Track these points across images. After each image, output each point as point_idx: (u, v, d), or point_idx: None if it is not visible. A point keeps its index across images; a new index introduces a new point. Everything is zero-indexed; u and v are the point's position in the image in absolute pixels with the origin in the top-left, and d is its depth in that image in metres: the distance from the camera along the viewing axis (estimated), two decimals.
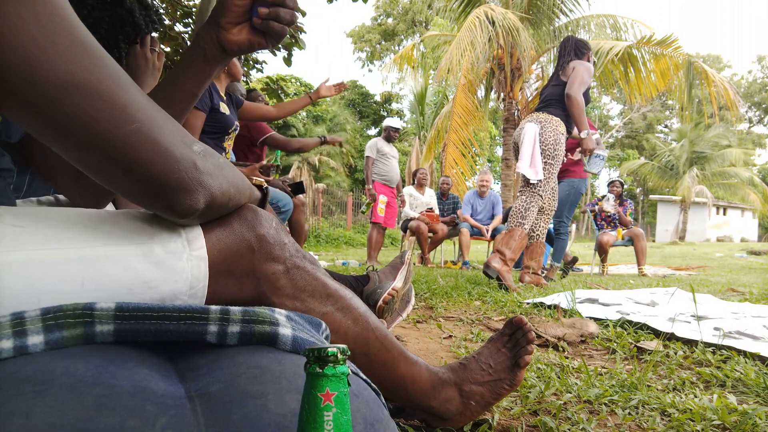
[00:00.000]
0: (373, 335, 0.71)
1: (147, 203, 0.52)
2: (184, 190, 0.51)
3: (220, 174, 0.56)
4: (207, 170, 0.53)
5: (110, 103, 0.46)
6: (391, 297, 1.36)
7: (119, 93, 0.46)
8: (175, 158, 0.50)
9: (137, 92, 0.49)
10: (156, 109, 0.51)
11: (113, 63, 0.48)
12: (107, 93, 0.45)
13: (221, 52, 0.75)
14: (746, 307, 2.15)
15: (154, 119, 0.49)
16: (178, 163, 0.50)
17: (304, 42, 4.76)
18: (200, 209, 0.53)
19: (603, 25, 9.32)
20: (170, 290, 0.53)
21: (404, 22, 28.16)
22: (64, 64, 0.43)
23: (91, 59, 0.45)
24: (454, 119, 9.35)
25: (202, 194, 0.52)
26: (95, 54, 0.46)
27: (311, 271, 0.65)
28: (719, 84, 7.73)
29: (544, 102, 3.32)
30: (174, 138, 0.50)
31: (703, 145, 24.68)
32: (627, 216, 5.83)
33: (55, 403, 0.35)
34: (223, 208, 0.58)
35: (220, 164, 0.57)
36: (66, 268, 0.48)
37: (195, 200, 0.52)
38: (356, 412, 0.44)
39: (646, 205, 33.77)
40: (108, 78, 0.46)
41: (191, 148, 0.52)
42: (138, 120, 0.47)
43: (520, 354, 0.88)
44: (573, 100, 3.08)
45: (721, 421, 0.91)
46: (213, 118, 2.50)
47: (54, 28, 0.43)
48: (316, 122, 21.38)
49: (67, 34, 0.44)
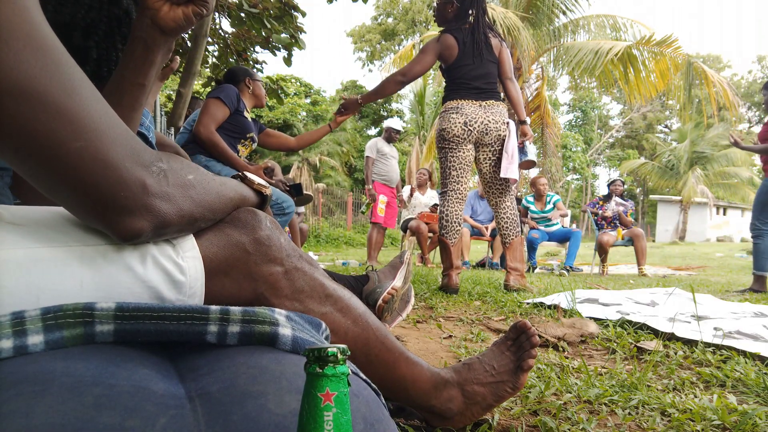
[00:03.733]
0: (374, 335, 0.71)
1: (91, 223, 0.50)
2: (129, 213, 0.48)
3: (183, 195, 0.53)
4: (161, 193, 0.50)
5: (56, 116, 0.43)
6: (391, 296, 1.36)
7: (67, 103, 0.43)
8: (122, 180, 0.47)
9: (94, 104, 0.46)
10: (111, 123, 0.47)
11: (72, 71, 0.45)
12: (54, 103, 0.42)
13: (161, 34, 0.75)
14: (746, 307, 2.15)
15: (105, 134, 0.46)
16: (125, 186, 0.47)
17: (304, 42, 4.76)
18: (146, 233, 0.50)
19: (603, 25, 9.32)
20: (168, 290, 0.53)
21: (404, 22, 28.15)
22: (10, 69, 0.40)
23: (44, 66, 0.42)
24: None
25: (148, 219, 0.49)
26: (51, 60, 0.43)
27: (309, 272, 0.65)
28: (718, 85, 7.73)
29: (487, 84, 2.78)
30: (124, 156, 0.47)
31: (703, 145, 24.67)
32: (628, 216, 5.83)
33: (55, 403, 0.35)
34: (189, 227, 0.55)
35: (187, 183, 0.54)
36: (65, 268, 0.48)
37: (139, 224, 0.49)
38: (356, 412, 0.44)
39: (646, 205, 33.77)
40: (58, 86, 0.43)
41: (148, 167, 0.50)
42: (85, 137, 0.44)
43: (523, 357, 0.88)
44: (515, 86, 2.82)
45: (721, 421, 0.91)
46: (235, 118, 2.60)
47: (11, 29, 0.40)
48: (316, 122, 21.39)
49: (23, 36, 0.41)
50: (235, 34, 5.09)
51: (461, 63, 2.75)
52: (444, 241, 2.82)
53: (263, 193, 0.73)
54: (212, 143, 2.45)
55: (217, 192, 0.59)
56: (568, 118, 35.88)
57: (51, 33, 0.44)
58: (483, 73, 2.76)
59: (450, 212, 2.83)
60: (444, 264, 2.81)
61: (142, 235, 0.50)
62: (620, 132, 36.08)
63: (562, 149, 24.53)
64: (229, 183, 0.64)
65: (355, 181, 21.38)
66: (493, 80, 2.81)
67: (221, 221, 0.61)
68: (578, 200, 34.85)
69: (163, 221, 0.51)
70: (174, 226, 0.53)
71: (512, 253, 2.88)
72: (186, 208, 0.53)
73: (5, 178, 0.83)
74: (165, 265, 0.53)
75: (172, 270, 0.53)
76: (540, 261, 7.66)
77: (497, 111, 2.75)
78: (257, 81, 2.77)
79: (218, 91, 2.53)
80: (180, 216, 0.53)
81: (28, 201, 0.83)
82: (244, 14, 4.49)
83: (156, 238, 0.53)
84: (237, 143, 2.66)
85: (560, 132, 12.17)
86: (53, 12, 0.85)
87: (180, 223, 0.54)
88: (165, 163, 0.52)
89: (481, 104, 2.74)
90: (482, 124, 2.72)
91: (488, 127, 2.73)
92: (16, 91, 0.41)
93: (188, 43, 4.92)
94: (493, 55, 2.79)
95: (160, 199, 0.50)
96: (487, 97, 2.76)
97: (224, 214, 0.61)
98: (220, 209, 0.60)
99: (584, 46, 8.78)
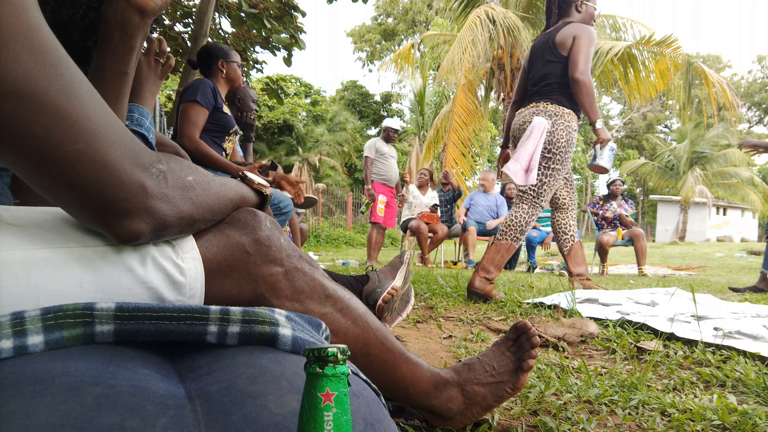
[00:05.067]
0: (374, 336, 0.71)
1: (90, 225, 0.50)
2: (128, 215, 0.48)
3: (183, 197, 0.53)
4: (160, 194, 0.50)
5: (54, 118, 0.43)
6: (391, 296, 1.37)
7: (66, 106, 0.43)
8: (121, 182, 0.47)
9: (93, 105, 0.46)
10: (111, 125, 0.47)
11: (72, 72, 0.45)
12: (52, 105, 0.42)
13: (139, 17, 0.74)
14: (746, 307, 2.15)
15: (104, 136, 0.46)
16: (124, 188, 0.47)
17: (304, 42, 4.76)
18: (145, 235, 0.50)
19: (603, 25, 9.33)
20: (168, 291, 0.53)
21: (404, 22, 28.17)
22: (9, 71, 0.40)
23: (42, 67, 0.42)
24: (454, 119, 9.36)
25: (147, 222, 0.50)
26: (50, 62, 0.43)
27: (310, 273, 0.65)
28: (718, 85, 7.74)
29: (542, 84, 2.63)
30: (123, 159, 0.47)
31: (703, 145, 24.68)
32: (628, 216, 5.83)
33: (55, 403, 0.35)
34: (188, 229, 0.55)
35: (186, 185, 0.54)
36: (65, 269, 0.48)
37: (138, 227, 0.49)
38: (356, 412, 0.44)
39: (646, 205, 33.78)
40: (56, 88, 0.43)
41: (147, 169, 0.50)
42: (83, 139, 0.44)
43: (523, 358, 0.88)
44: (582, 86, 2.48)
45: (721, 421, 0.91)
46: (216, 117, 2.49)
47: (9, 31, 0.40)
48: (316, 122, 21.40)
49: (22, 38, 0.41)
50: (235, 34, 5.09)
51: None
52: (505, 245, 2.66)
53: (263, 192, 0.73)
54: (201, 154, 2.34)
55: (216, 193, 0.59)
56: None
57: (50, 34, 0.44)
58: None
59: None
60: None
61: (141, 237, 0.50)
62: (620, 132, 36.09)
63: None
64: (229, 183, 0.64)
65: (355, 181, 21.38)
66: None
67: (221, 222, 0.61)
68: (578, 200, 34.85)
69: (162, 223, 0.51)
70: (173, 227, 0.53)
71: (571, 260, 2.94)
72: (185, 209, 0.53)
73: (5, 178, 0.83)
74: (165, 266, 0.53)
75: (172, 271, 0.53)
76: (540, 261, 7.66)
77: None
78: (231, 62, 2.57)
79: (193, 92, 2.39)
80: (179, 218, 0.53)
81: (28, 201, 0.83)
82: (244, 14, 4.49)
83: (155, 239, 0.53)
84: (222, 141, 2.57)
85: None
86: (52, 12, 0.84)
87: (179, 225, 0.53)
88: (164, 164, 0.52)
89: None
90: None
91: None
92: (14, 93, 0.40)
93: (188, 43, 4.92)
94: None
95: (160, 201, 0.50)
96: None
97: (224, 215, 0.61)
98: (219, 210, 0.60)
99: None
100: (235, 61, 2.60)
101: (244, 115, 3.17)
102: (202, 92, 2.40)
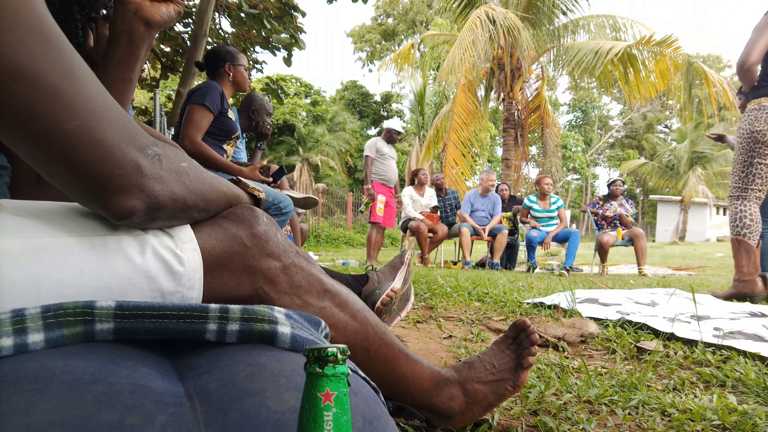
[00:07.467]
0: (373, 330, 0.71)
1: (85, 202, 0.51)
2: (122, 192, 0.49)
3: (176, 180, 0.54)
4: (155, 174, 0.51)
5: (54, 97, 0.45)
6: (390, 298, 1.36)
7: (65, 86, 0.46)
8: (117, 160, 0.48)
9: (92, 87, 0.48)
10: (107, 105, 0.49)
11: (72, 56, 0.47)
12: (52, 86, 0.45)
13: (146, 28, 0.76)
14: (746, 307, 2.15)
15: (102, 116, 0.48)
16: (119, 165, 0.49)
17: (304, 42, 4.77)
18: (138, 213, 0.51)
19: (603, 25, 9.34)
20: (167, 280, 0.53)
21: (404, 22, 28.17)
22: (14, 54, 0.43)
23: (45, 51, 0.45)
24: (454, 119, 9.36)
25: (141, 199, 0.50)
26: (53, 46, 0.46)
27: (307, 268, 0.65)
28: (718, 85, 7.74)
29: None
30: (120, 138, 0.49)
31: (703, 145, 24.68)
32: (628, 216, 5.83)
33: (54, 401, 0.35)
34: (181, 214, 0.56)
35: (180, 170, 0.55)
36: (66, 257, 0.48)
37: (131, 203, 0.50)
38: (355, 410, 0.44)
39: (646, 205, 33.77)
40: (58, 70, 0.45)
41: (143, 150, 0.51)
42: (81, 117, 0.46)
43: (523, 355, 0.88)
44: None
45: (721, 421, 0.91)
46: (220, 121, 2.52)
47: (16, 17, 0.43)
48: (316, 122, 21.40)
49: (28, 24, 0.44)
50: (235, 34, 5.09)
51: None
52: (745, 242, 2.56)
53: (257, 196, 0.73)
54: (202, 157, 2.35)
55: (210, 183, 0.60)
56: (568, 118, 35.94)
57: (53, 22, 0.47)
58: None
59: (755, 214, 2.58)
60: (748, 269, 2.52)
61: (134, 215, 0.51)
62: (620, 132, 36.10)
63: (562, 149, 24.52)
64: (222, 179, 0.65)
65: (355, 181, 21.39)
66: None
67: (218, 216, 0.61)
68: (578, 200, 34.86)
69: (155, 202, 0.52)
70: (166, 209, 0.53)
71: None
72: (179, 192, 0.54)
73: (4, 177, 0.83)
74: (164, 255, 0.53)
75: (170, 260, 0.53)
76: (540, 261, 7.67)
77: None
78: (238, 66, 2.59)
79: (201, 95, 2.40)
80: (173, 199, 0.53)
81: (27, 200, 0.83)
82: (244, 14, 4.49)
83: (149, 221, 0.53)
84: (222, 144, 2.59)
85: (560, 132, 12.18)
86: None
87: (173, 208, 0.54)
88: (160, 148, 0.53)
89: None
90: None
91: None
92: (20, 74, 0.43)
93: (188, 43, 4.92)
94: None
95: (154, 181, 0.51)
96: None
97: (217, 207, 0.62)
98: (213, 200, 0.60)
99: (584, 46, 8.80)
100: (242, 65, 2.62)
101: (258, 124, 3.15)
102: (210, 96, 2.42)
